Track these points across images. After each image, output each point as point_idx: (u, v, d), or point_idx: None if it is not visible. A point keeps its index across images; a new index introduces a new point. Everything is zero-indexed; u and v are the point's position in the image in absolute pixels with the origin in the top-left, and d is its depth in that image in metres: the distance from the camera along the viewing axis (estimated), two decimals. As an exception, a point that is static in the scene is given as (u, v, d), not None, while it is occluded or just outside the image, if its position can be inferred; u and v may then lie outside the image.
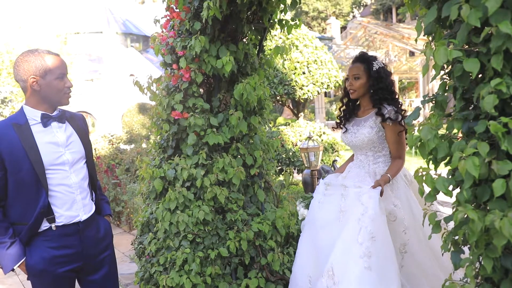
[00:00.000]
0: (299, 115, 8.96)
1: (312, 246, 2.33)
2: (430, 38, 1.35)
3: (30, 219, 1.82)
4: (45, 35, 11.83)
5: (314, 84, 7.98)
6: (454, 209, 1.20)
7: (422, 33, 1.35)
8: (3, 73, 10.58)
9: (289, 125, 8.61)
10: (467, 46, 1.18)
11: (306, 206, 2.48)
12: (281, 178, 6.13)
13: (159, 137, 2.98)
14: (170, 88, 2.77)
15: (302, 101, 8.50)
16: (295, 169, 6.87)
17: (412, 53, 17.79)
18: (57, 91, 1.87)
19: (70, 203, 1.91)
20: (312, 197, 2.53)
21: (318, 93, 8.17)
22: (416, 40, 1.54)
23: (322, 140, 7.91)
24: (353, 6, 36.00)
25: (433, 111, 1.33)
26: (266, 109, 2.91)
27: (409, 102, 19.56)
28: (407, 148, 2.19)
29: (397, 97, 2.34)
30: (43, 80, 1.82)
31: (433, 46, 1.24)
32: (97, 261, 2.03)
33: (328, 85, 8.19)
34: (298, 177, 7.57)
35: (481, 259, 1.20)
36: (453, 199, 1.24)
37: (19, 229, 1.85)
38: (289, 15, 9.79)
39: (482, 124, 1.11)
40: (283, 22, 2.79)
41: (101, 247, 2.05)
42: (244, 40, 2.85)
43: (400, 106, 2.29)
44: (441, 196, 1.29)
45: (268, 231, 2.67)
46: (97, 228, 2.05)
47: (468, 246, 1.24)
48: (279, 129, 8.07)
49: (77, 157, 1.95)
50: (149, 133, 12.86)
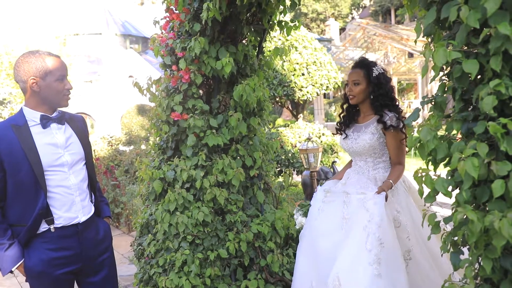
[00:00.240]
0: (298, 117, 8.97)
1: (312, 255, 2.27)
2: (430, 39, 1.35)
3: (29, 220, 1.81)
4: (44, 36, 11.82)
5: (313, 86, 7.99)
6: (454, 210, 1.21)
7: (422, 34, 1.36)
8: (2, 74, 10.55)
9: (288, 126, 8.61)
10: (466, 47, 1.18)
11: (304, 214, 2.43)
12: (280, 179, 6.13)
13: (158, 138, 2.98)
14: (169, 90, 2.78)
15: (301, 102, 8.50)
16: (294, 170, 6.87)
17: (411, 55, 17.82)
18: (56, 93, 1.86)
19: (69, 204, 1.90)
20: (310, 204, 2.48)
21: (317, 95, 8.18)
22: (415, 41, 1.55)
23: (321, 142, 7.91)
24: (352, 7, 36.06)
25: (432, 112, 1.33)
26: (265, 110, 2.91)
27: (408, 104, 19.58)
28: (406, 149, 2.19)
29: (397, 103, 2.33)
30: (43, 82, 1.82)
31: (432, 47, 1.24)
32: (96, 263, 2.03)
33: (327, 87, 8.20)
34: (297, 178, 7.57)
35: (480, 259, 1.20)
36: (453, 200, 1.24)
37: (18, 231, 1.84)
38: (288, 17, 9.80)
39: (481, 125, 1.12)
40: (283, 23, 2.80)
41: (100, 249, 2.04)
42: (244, 41, 2.85)
43: (400, 113, 2.28)
44: (440, 198, 1.29)
45: (268, 233, 2.67)
46: (96, 230, 2.04)
47: (468, 247, 1.24)
48: (278, 130, 8.08)
49: (76, 158, 1.95)
50: (148, 134, 12.86)
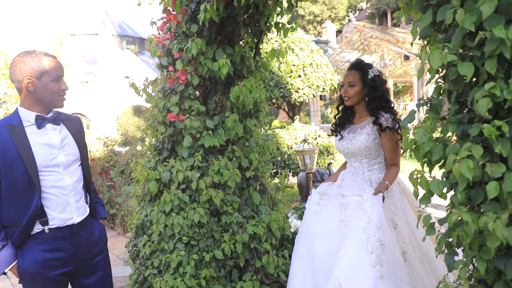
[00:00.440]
0: (294, 118, 8.98)
1: (308, 259, 2.23)
2: (426, 42, 1.36)
3: (23, 221, 1.80)
4: (40, 36, 11.76)
5: (309, 87, 8.01)
6: (448, 211, 1.21)
7: (418, 37, 1.36)
8: (-3, 74, 10.51)
9: (284, 128, 8.62)
10: (461, 50, 1.19)
11: (299, 217, 2.39)
12: (276, 181, 6.13)
13: (154, 139, 2.98)
14: (166, 90, 2.77)
15: (297, 104, 8.52)
16: (290, 172, 6.87)
17: (406, 57, 17.91)
18: (52, 93, 1.86)
19: (64, 205, 1.89)
20: (305, 207, 2.44)
21: (314, 96, 8.20)
22: (411, 44, 1.56)
23: (317, 143, 7.93)
24: (349, 10, 36.21)
25: (428, 114, 1.34)
26: (262, 111, 2.92)
27: (404, 106, 19.65)
28: (402, 151, 2.19)
29: (392, 105, 2.34)
30: (38, 82, 1.81)
31: (428, 50, 1.25)
32: (91, 264, 2.02)
33: (323, 88, 8.22)
34: (293, 180, 7.58)
35: (474, 261, 1.20)
36: (448, 201, 1.25)
37: (11, 232, 1.83)
38: (285, 19, 9.82)
39: (476, 127, 1.12)
40: (280, 25, 2.81)
41: (95, 250, 2.03)
42: (241, 42, 2.85)
43: (396, 115, 2.28)
44: (436, 200, 1.30)
45: (263, 234, 2.67)
46: (91, 231, 2.04)
47: (462, 248, 1.24)
48: (274, 132, 8.08)
49: (71, 159, 1.94)
50: (144, 135, 12.83)
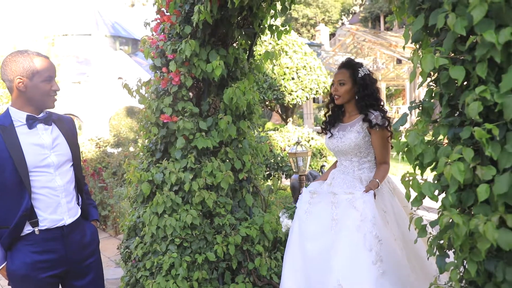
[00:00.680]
0: (287, 121, 9.01)
1: (301, 259, 2.21)
2: (418, 46, 1.38)
3: (12, 222, 1.78)
4: (32, 36, 11.67)
5: (303, 90, 8.04)
6: (440, 214, 1.22)
7: (410, 40, 1.38)
8: (-12, 74, 10.34)
9: (277, 130, 8.64)
10: (453, 54, 1.20)
11: (290, 217, 2.39)
12: (269, 183, 6.14)
13: (147, 140, 2.97)
14: (159, 92, 2.77)
15: (291, 106, 8.55)
16: (283, 174, 6.88)
17: (399, 61, 18.04)
18: (43, 94, 1.84)
19: (54, 206, 1.87)
20: (296, 207, 2.43)
21: (307, 99, 8.23)
22: (404, 48, 1.57)
23: (310, 146, 7.95)
24: (342, 13, 36.41)
25: (419, 117, 1.35)
26: (255, 113, 2.92)
27: (396, 109, 19.79)
28: (394, 154, 2.21)
29: (382, 103, 2.35)
30: (29, 82, 1.80)
31: (420, 54, 1.26)
32: (82, 266, 2.00)
33: (316, 91, 8.26)
34: (286, 182, 7.59)
35: (465, 262, 1.22)
36: (439, 204, 1.26)
37: (0, 233, 1.81)
38: (279, 21, 9.86)
39: (467, 130, 1.14)
40: (273, 27, 2.82)
41: (86, 252, 2.01)
42: (234, 44, 2.86)
43: (386, 112, 2.30)
44: (427, 202, 1.31)
45: (256, 236, 2.67)
46: (83, 233, 2.01)
47: (453, 250, 1.25)
48: (267, 134, 8.09)
49: (62, 159, 1.92)
50: (137, 136, 12.76)
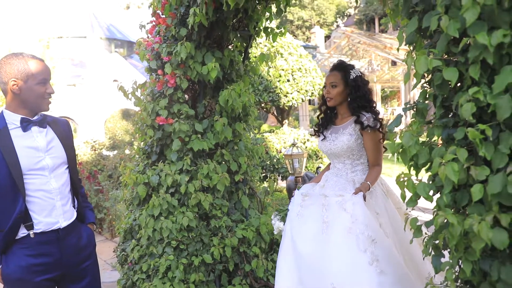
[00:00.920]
0: (283, 122, 9.02)
1: (294, 262, 2.18)
2: (412, 48, 1.39)
3: (6, 225, 1.77)
4: (27, 39, 11.62)
5: (298, 92, 8.06)
6: (435, 214, 1.23)
7: (404, 42, 1.39)
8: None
9: (273, 132, 8.65)
10: (446, 56, 1.21)
11: (282, 219, 2.38)
12: (265, 184, 6.14)
13: (143, 143, 2.96)
14: (155, 94, 2.77)
15: (286, 108, 8.55)
16: (279, 175, 6.89)
17: (394, 63, 18.13)
18: (37, 96, 1.83)
19: (50, 209, 1.86)
20: (288, 209, 2.40)
21: (303, 101, 8.25)
22: (398, 49, 1.58)
23: (306, 147, 7.96)
24: (337, 15, 36.56)
25: (414, 118, 1.36)
26: (251, 115, 2.93)
27: (391, 111, 19.88)
28: (389, 156, 2.21)
29: (374, 105, 2.35)
30: (24, 84, 1.79)
31: (414, 55, 1.27)
32: (78, 269, 1.99)
33: (312, 93, 8.28)
34: (282, 183, 7.59)
35: (460, 262, 1.23)
36: (434, 205, 1.27)
37: None
38: (274, 23, 9.89)
39: (460, 131, 1.15)
40: (269, 30, 2.83)
41: (83, 255, 2.01)
42: (230, 47, 2.87)
43: (378, 114, 2.30)
44: (423, 203, 1.32)
45: (253, 238, 2.68)
46: (79, 236, 2.01)
47: (448, 250, 1.26)
48: (263, 136, 8.10)
49: (57, 162, 1.92)
50: (133, 139, 12.72)
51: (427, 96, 1.34)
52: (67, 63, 16.41)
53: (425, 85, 1.36)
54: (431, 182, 1.27)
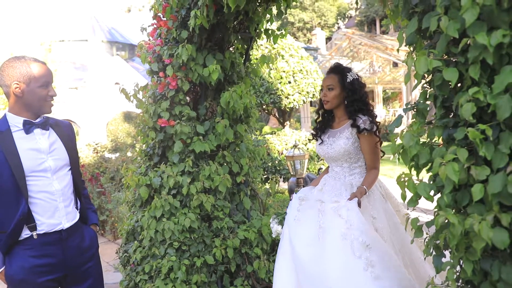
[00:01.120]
0: (285, 124, 9.03)
1: (291, 267, 2.18)
2: (412, 48, 1.39)
3: (9, 227, 1.78)
4: (29, 42, 11.68)
5: (299, 93, 8.07)
6: (436, 214, 1.23)
7: (404, 43, 1.40)
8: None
9: (275, 133, 8.66)
10: (446, 56, 1.22)
11: (280, 222, 2.39)
12: (267, 186, 6.14)
13: (145, 145, 2.97)
14: (156, 96, 2.78)
15: (287, 110, 8.57)
16: (281, 177, 6.89)
17: (395, 64, 18.14)
18: (39, 99, 1.85)
19: (52, 210, 1.88)
20: (286, 213, 2.41)
21: (304, 102, 8.26)
22: (398, 50, 1.59)
23: (307, 149, 7.96)
24: (338, 17, 36.60)
25: (414, 119, 1.37)
26: (252, 117, 2.94)
27: (393, 112, 19.87)
28: (391, 157, 2.20)
29: (371, 108, 2.34)
30: (26, 87, 1.81)
31: (414, 56, 1.28)
32: (81, 271, 1.99)
33: (313, 94, 8.28)
34: (284, 185, 7.59)
35: (461, 262, 1.23)
36: (435, 205, 1.27)
37: None
38: (275, 26, 9.91)
39: (461, 131, 1.15)
40: (269, 32, 2.84)
41: (85, 256, 2.01)
42: (231, 49, 2.88)
43: (375, 117, 2.29)
44: (425, 204, 1.32)
45: (254, 239, 2.68)
46: (82, 237, 2.01)
47: (449, 250, 1.27)
48: (265, 137, 8.11)
49: (60, 164, 1.93)
50: (135, 141, 12.74)
51: (427, 97, 1.34)
52: (69, 67, 16.47)
53: (425, 85, 1.36)
54: (431, 182, 1.27)
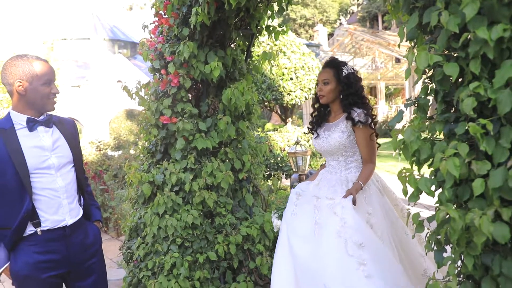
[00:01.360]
0: (287, 121, 9.03)
1: (289, 261, 2.18)
2: (413, 43, 1.39)
3: (14, 223, 1.80)
4: (31, 41, 11.72)
5: (301, 90, 8.06)
6: (437, 209, 1.24)
7: (405, 38, 1.39)
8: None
9: (277, 130, 8.66)
10: (447, 51, 1.22)
11: (280, 217, 2.40)
12: (269, 183, 6.15)
13: (147, 142, 2.98)
14: (158, 93, 2.78)
15: (290, 106, 8.56)
16: (283, 174, 6.90)
17: (398, 60, 18.06)
18: (42, 97, 1.86)
19: (56, 207, 1.89)
20: (285, 207, 2.43)
21: (306, 99, 8.25)
22: (399, 46, 1.59)
23: (310, 145, 7.96)
24: (340, 13, 36.46)
25: (416, 114, 1.37)
26: (254, 114, 2.94)
27: (396, 108, 19.81)
28: (394, 153, 2.20)
29: (367, 101, 2.33)
30: (29, 85, 1.82)
31: (415, 51, 1.28)
32: (85, 267, 2.01)
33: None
34: (286, 182, 7.60)
35: (462, 257, 1.23)
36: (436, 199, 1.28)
37: (3, 234, 1.83)
38: (276, 22, 9.89)
39: (462, 126, 1.15)
40: (271, 28, 2.83)
41: (89, 253, 2.03)
42: (232, 45, 2.88)
43: (370, 110, 2.28)
44: (428, 200, 1.32)
45: (257, 235, 2.69)
46: (85, 233, 2.03)
47: (451, 245, 1.27)
48: (267, 134, 8.11)
49: (63, 161, 1.94)
50: (137, 139, 12.79)
51: (428, 92, 1.34)
52: (71, 65, 16.50)
53: (426, 80, 1.36)
54: (433, 177, 1.27)
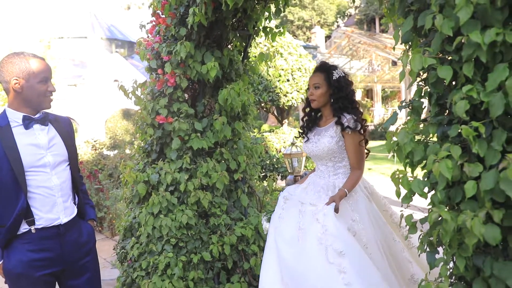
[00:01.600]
0: (283, 122, 9.04)
1: (277, 263, 2.19)
2: (408, 46, 1.41)
3: (8, 221, 1.80)
4: (28, 39, 11.67)
5: (298, 92, 8.08)
6: (429, 211, 1.25)
7: (400, 41, 1.41)
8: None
9: (273, 131, 8.67)
10: (441, 54, 1.23)
11: (269, 220, 2.42)
12: (264, 183, 6.16)
13: (143, 141, 2.98)
14: (155, 93, 2.78)
15: (286, 108, 8.57)
16: (279, 175, 6.91)
17: (394, 63, 18.13)
18: (38, 94, 1.86)
19: (51, 205, 1.89)
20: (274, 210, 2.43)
21: (302, 101, 8.26)
22: (394, 48, 1.60)
23: (306, 147, 7.97)
24: (338, 15, 36.56)
25: (409, 116, 1.38)
26: (250, 114, 2.95)
27: (392, 111, 19.89)
28: (389, 156, 2.20)
29: (357, 106, 2.32)
30: (25, 83, 1.82)
31: (409, 54, 1.29)
32: (79, 265, 2.01)
33: (312, 93, 8.29)
34: (281, 183, 7.61)
35: (454, 258, 1.24)
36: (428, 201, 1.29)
37: None
38: (274, 23, 9.90)
39: (454, 128, 1.16)
40: (268, 29, 2.84)
41: (83, 251, 2.03)
42: (229, 46, 2.88)
43: (360, 116, 2.28)
44: (422, 203, 1.33)
45: (251, 236, 2.69)
46: (79, 232, 2.03)
47: (443, 246, 1.28)
48: (263, 135, 8.12)
49: (59, 159, 1.94)
50: (133, 138, 12.75)
51: (422, 94, 1.35)
52: (68, 64, 16.45)
53: (420, 83, 1.37)
54: (426, 179, 1.28)
